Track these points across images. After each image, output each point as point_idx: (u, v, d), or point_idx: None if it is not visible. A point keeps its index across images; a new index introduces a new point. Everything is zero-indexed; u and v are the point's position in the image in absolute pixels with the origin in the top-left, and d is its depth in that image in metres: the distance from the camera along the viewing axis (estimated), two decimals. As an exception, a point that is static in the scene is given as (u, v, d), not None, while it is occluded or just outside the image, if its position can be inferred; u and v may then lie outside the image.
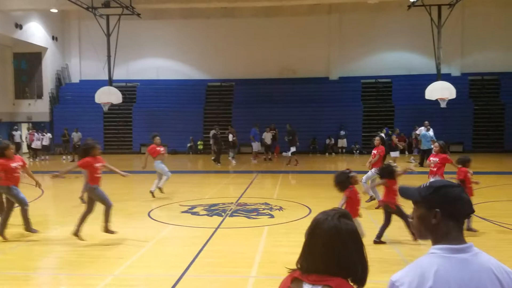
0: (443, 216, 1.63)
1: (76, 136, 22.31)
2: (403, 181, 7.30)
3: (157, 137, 11.07)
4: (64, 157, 22.60)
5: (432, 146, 17.41)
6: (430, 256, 1.61)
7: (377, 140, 10.11)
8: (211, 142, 20.77)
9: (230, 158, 19.38)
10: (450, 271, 1.55)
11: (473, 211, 1.66)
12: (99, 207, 7.08)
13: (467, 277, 1.55)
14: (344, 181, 6.07)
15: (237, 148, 21.52)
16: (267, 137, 20.90)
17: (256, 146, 20.63)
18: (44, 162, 21.54)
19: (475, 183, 7.49)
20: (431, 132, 17.66)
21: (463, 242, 1.61)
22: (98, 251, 6.41)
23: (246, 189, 11.99)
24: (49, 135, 22.90)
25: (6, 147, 7.17)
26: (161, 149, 10.97)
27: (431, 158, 8.71)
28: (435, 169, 8.33)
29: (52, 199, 11.49)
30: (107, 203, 6.88)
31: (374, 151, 10.00)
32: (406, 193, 1.74)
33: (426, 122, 17.95)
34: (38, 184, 7.63)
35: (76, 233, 6.80)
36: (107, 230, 6.90)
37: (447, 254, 1.59)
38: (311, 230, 1.69)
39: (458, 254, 1.58)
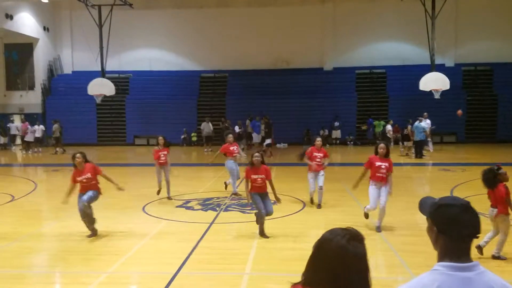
0: (441, 234, 1.64)
1: (55, 128, 22.12)
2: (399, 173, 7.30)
3: (230, 135, 10.50)
4: (57, 149, 22.44)
5: (427, 138, 17.63)
6: (433, 272, 1.62)
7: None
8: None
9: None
10: None
11: (475, 233, 1.63)
12: (95, 205, 7.02)
13: None
14: (492, 179, 5.82)
15: (244, 140, 21.44)
16: (262, 128, 20.92)
17: (256, 137, 20.70)
18: (37, 154, 21.39)
19: None
20: (423, 123, 17.71)
21: (468, 260, 1.61)
22: (92, 248, 6.38)
23: (240, 183, 11.98)
24: (41, 127, 22.72)
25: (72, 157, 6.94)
26: (234, 147, 10.28)
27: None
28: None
29: (45, 194, 11.42)
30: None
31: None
32: (422, 206, 1.79)
33: (425, 113, 17.97)
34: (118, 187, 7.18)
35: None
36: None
37: (450, 271, 1.59)
38: (318, 245, 1.66)
39: (461, 272, 1.58)
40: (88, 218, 6.72)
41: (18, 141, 24.38)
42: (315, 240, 1.71)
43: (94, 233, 6.84)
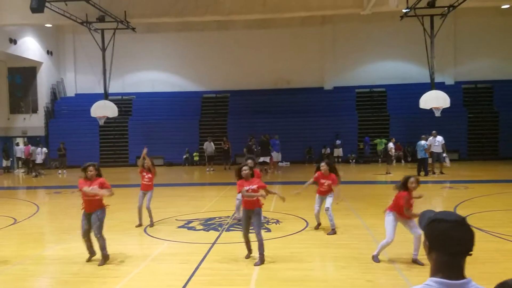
0: (433, 249, 1.64)
1: (18, 149, 22.49)
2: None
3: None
4: (59, 171, 22.51)
5: (427, 154, 17.58)
6: (425, 287, 1.61)
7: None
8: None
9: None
10: None
11: (466, 250, 1.61)
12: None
13: None
14: (402, 184, 5.96)
15: (232, 159, 21.55)
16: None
17: (276, 156, 20.64)
18: (43, 177, 21.41)
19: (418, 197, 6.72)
20: (422, 142, 17.73)
21: (460, 277, 1.59)
22: (93, 271, 6.35)
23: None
24: (44, 149, 22.85)
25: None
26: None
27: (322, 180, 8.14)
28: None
29: (47, 216, 11.41)
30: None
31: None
32: (420, 219, 1.80)
33: (434, 131, 17.97)
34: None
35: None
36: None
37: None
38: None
39: None
40: (99, 243, 6.65)
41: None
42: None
43: (93, 255, 6.80)
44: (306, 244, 7.51)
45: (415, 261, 6.11)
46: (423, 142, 17.65)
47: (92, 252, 6.80)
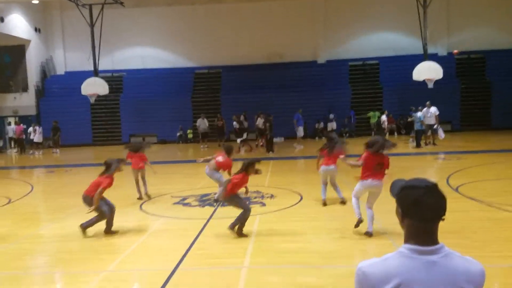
0: (405, 216, 1.64)
1: (10, 129, 22.47)
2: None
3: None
4: (54, 150, 22.38)
5: (423, 126, 17.67)
6: (398, 254, 1.62)
7: None
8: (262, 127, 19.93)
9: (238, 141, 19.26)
10: (414, 273, 1.56)
11: (437, 216, 1.60)
12: (83, 210, 7.01)
13: (430, 281, 1.55)
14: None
15: (226, 136, 21.51)
16: (260, 122, 20.83)
17: (300, 131, 20.29)
18: (38, 156, 21.32)
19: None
20: (418, 113, 17.81)
21: (432, 243, 1.59)
22: (90, 248, 6.38)
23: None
24: (40, 129, 22.63)
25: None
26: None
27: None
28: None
29: (42, 196, 11.40)
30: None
31: None
32: (391, 187, 1.79)
33: (428, 102, 17.98)
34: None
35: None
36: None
37: (413, 254, 1.59)
38: None
39: (424, 256, 1.58)
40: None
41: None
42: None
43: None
44: (301, 217, 7.58)
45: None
46: (419, 113, 17.73)
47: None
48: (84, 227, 6.82)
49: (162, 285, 4.82)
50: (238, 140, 19.16)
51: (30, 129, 22.48)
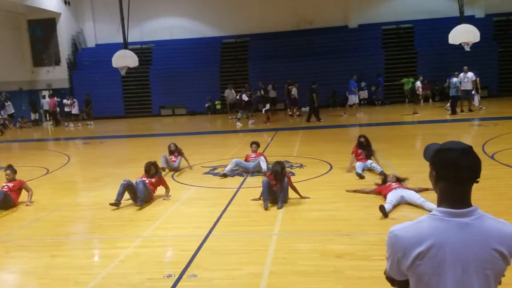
0: (440, 179, 1.65)
1: (44, 102, 23.32)
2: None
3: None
4: (88, 122, 23.11)
5: (459, 92, 17.13)
6: (430, 217, 1.64)
7: None
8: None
9: (237, 118, 19.00)
10: (446, 235, 1.58)
11: (473, 177, 1.62)
12: (125, 173, 7.29)
13: (463, 242, 1.57)
14: None
15: (253, 106, 21.49)
16: (294, 91, 20.65)
17: (355, 98, 19.79)
18: (74, 128, 22.13)
19: None
20: (454, 79, 17.26)
21: (466, 205, 1.61)
22: (126, 215, 6.68)
23: (266, 147, 12.11)
24: (75, 100, 23.40)
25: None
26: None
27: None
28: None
29: (78, 166, 11.88)
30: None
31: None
32: (425, 152, 1.79)
33: (465, 67, 17.34)
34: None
35: None
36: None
37: (446, 217, 1.61)
38: None
39: (458, 218, 1.59)
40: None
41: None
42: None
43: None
44: (330, 186, 7.64)
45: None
46: (455, 79, 17.18)
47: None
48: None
49: (195, 250, 5.03)
50: (263, 110, 19.14)
51: (65, 101, 23.22)
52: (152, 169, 7.54)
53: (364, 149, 8.68)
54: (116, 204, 6.91)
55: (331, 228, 5.56)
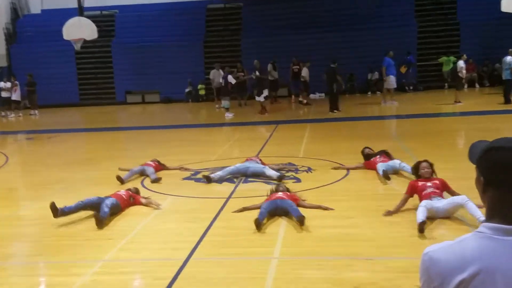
0: (489, 186, 1.64)
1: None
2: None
3: None
4: (32, 111, 23.02)
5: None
6: (476, 235, 1.62)
7: None
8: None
9: (225, 108, 19.05)
10: (497, 259, 1.55)
11: None
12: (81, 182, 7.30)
13: None
14: None
15: (248, 92, 21.53)
16: (305, 72, 20.68)
17: (392, 81, 19.75)
18: (15, 118, 22.06)
19: None
20: (508, 57, 17.41)
21: None
22: (81, 232, 6.68)
23: (263, 146, 12.14)
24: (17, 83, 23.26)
25: None
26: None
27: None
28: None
29: (20, 168, 11.86)
30: None
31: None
32: (471, 151, 1.77)
33: None
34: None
35: None
36: None
37: (497, 235, 1.58)
38: None
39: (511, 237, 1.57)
40: None
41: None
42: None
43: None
44: (346, 196, 7.67)
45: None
46: (509, 57, 17.31)
47: None
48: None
49: (171, 278, 5.05)
50: (261, 98, 18.88)
51: (3, 84, 23.08)
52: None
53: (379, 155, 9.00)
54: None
55: (347, 250, 5.59)
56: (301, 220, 6.21)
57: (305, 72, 20.62)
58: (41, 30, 26.71)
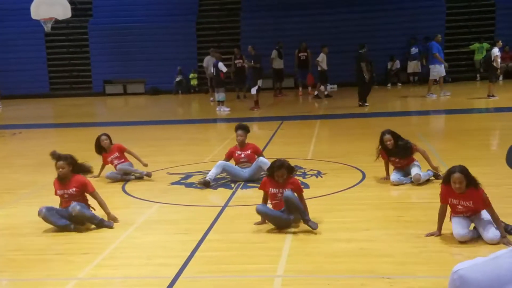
0: None
1: None
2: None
3: None
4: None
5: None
6: None
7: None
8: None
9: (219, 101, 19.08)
10: None
11: None
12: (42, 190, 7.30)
13: None
14: None
15: (248, 82, 21.54)
16: (323, 58, 20.64)
17: (441, 69, 19.77)
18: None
19: None
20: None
21: None
22: (52, 245, 6.69)
23: (266, 145, 12.15)
24: None
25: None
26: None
27: None
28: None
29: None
30: None
31: None
32: (509, 156, 1.82)
33: None
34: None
35: None
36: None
37: None
38: None
39: None
40: None
41: None
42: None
43: None
44: (362, 205, 7.68)
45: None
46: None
47: None
48: None
49: (157, 299, 5.08)
50: (253, 90, 18.84)
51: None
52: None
53: (395, 154, 8.60)
54: None
55: (363, 267, 5.61)
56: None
57: (322, 58, 20.52)
58: (4, 7, 26.68)
